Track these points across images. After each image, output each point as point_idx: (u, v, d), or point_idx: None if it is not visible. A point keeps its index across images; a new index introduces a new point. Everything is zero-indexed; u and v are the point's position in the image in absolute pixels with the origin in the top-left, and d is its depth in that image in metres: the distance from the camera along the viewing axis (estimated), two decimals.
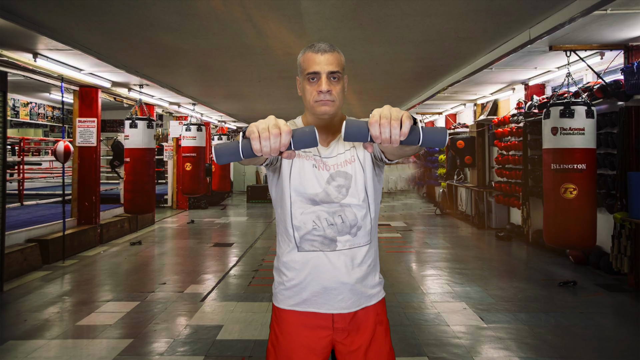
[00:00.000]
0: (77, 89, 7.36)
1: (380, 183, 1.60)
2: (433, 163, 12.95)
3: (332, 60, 1.47)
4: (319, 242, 1.51)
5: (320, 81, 1.47)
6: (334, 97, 1.48)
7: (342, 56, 1.52)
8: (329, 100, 1.48)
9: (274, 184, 1.59)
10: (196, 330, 3.82)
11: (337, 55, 1.50)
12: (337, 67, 1.48)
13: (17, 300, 4.66)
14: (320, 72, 1.47)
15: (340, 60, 1.51)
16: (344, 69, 1.52)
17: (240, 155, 1.15)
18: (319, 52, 1.47)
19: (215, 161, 1.21)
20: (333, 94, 1.48)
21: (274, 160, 1.54)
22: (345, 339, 1.54)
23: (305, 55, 1.50)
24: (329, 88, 1.47)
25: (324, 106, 1.49)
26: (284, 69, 6.27)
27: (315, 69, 1.47)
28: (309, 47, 1.51)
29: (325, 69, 1.47)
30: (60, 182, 8.60)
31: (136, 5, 3.94)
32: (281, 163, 1.55)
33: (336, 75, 1.48)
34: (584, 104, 4.67)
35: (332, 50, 1.49)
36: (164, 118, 12.60)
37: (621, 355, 3.41)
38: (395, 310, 4.20)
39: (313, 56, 1.48)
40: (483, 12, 4.14)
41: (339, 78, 1.49)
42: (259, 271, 5.71)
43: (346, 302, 1.53)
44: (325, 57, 1.47)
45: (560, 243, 4.84)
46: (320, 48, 1.48)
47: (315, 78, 1.48)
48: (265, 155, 1.13)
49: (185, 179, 9.22)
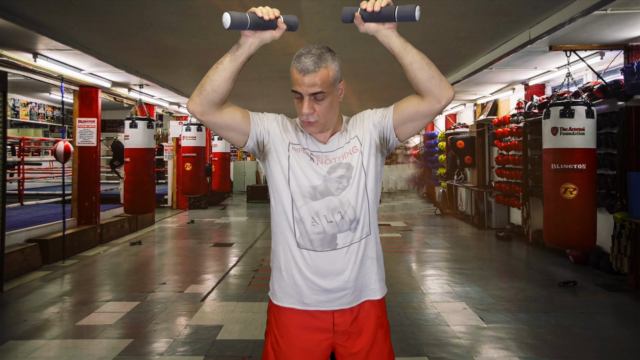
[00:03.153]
0: (77, 89, 7.35)
1: (381, 174, 1.60)
2: (433, 163, 12.95)
3: (316, 80, 1.42)
4: (319, 240, 1.50)
5: (303, 103, 1.45)
6: (316, 118, 1.47)
7: (331, 68, 1.44)
8: (312, 121, 1.48)
9: (272, 177, 1.56)
10: (196, 330, 3.82)
11: (323, 73, 1.42)
12: (321, 87, 1.42)
13: (17, 300, 4.66)
14: (302, 93, 1.45)
15: (327, 76, 1.43)
16: (334, 81, 1.46)
17: (248, 23, 1.33)
18: (302, 72, 1.42)
19: (224, 25, 1.34)
20: (316, 114, 1.46)
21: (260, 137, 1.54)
22: (346, 342, 1.53)
23: (292, 67, 1.45)
24: (310, 111, 1.45)
25: (309, 127, 1.51)
26: (284, 69, 6.26)
27: (298, 90, 1.45)
28: (296, 57, 1.45)
29: (307, 91, 1.43)
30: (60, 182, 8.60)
31: (136, 5, 3.95)
32: (275, 149, 1.54)
33: (320, 96, 1.44)
34: (584, 104, 4.67)
35: (317, 68, 1.41)
36: (164, 118, 12.61)
37: (621, 355, 3.41)
38: (395, 310, 4.20)
39: (296, 75, 1.43)
40: (483, 12, 4.14)
41: (324, 97, 1.45)
42: (259, 271, 5.71)
43: (348, 298, 1.52)
44: (308, 78, 1.41)
45: (560, 243, 4.84)
46: (304, 67, 1.41)
47: (300, 97, 1.47)
48: (265, 16, 1.33)
49: (185, 179, 9.22)
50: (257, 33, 1.38)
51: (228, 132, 1.52)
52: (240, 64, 1.41)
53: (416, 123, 1.52)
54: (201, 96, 1.41)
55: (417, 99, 1.48)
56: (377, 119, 1.56)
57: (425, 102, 1.45)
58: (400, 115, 1.52)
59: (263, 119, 1.56)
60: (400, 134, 1.55)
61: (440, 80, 1.41)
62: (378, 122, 1.55)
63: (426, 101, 1.45)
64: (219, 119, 1.47)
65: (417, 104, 1.48)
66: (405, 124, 1.53)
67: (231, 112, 1.49)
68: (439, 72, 1.42)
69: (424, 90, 1.43)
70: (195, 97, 1.42)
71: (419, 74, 1.40)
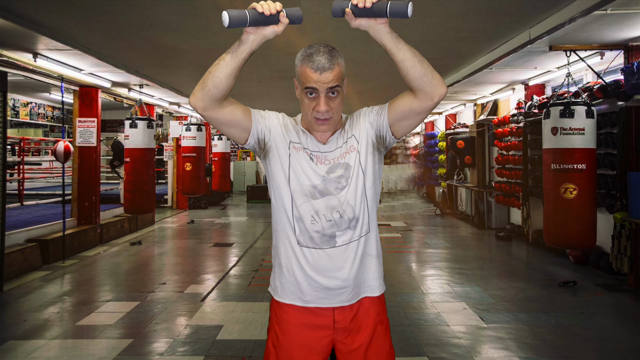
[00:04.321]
0: (77, 89, 7.35)
1: (380, 172, 1.60)
2: (433, 163, 12.95)
3: (332, 77, 1.42)
4: (318, 238, 1.51)
5: (319, 100, 1.44)
6: (331, 115, 1.46)
7: (341, 64, 1.46)
8: (327, 118, 1.47)
9: (272, 175, 1.56)
10: (196, 330, 3.82)
11: (337, 69, 1.43)
12: (337, 82, 1.44)
13: (17, 300, 4.66)
14: (319, 90, 1.43)
15: (340, 71, 1.45)
16: (344, 76, 1.48)
17: (247, 20, 1.32)
18: (318, 70, 1.42)
19: (223, 23, 1.32)
20: (331, 111, 1.46)
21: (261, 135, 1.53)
22: (345, 338, 1.54)
23: (303, 67, 1.44)
24: (327, 108, 1.44)
25: (322, 125, 1.49)
26: (284, 69, 6.27)
27: (313, 86, 1.43)
28: (307, 57, 1.44)
29: (325, 87, 1.43)
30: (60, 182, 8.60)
31: (136, 5, 3.95)
32: (276, 148, 1.54)
33: (335, 90, 1.44)
34: (584, 104, 4.67)
35: (332, 65, 1.42)
36: (164, 118, 12.60)
37: (621, 355, 3.41)
38: (395, 310, 4.20)
39: (311, 74, 1.43)
40: (483, 12, 4.14)
41: (339, 92, 1.46)
42: (259, 271, 5.71)
43: (347, 295, 1.53)
44: (325, 75, 1.42)
45: (560, 243, 4.84)
46: (320, 65, 1.42)
47: (314, 94, 1.45)
48: (266, 11, 1.31)
49: (185, 179, 9.22)
50: (258, 29, 1.37)
51: (229, 129, 1.52)
52: (242, 60, 1.40)
53: (411, 120, 1.53)
54: (203, 91, 1.41)
55: (410, 96, 1.48)
56: (373, 117, 1.56)
57: (418, 99, 1.45)
58: (395, 114, 1.52)
59: (265, 116, 1.56)
60: (396, 132, 1.55)
61: (432, 77, 1.40)
62: (374, 120, 1.56)
63: (419, 98, 1.45)
64: (221, 114, 1.47)
65: (410, 102, 1.48)
66: (400, 121, 1.53)
67: (233, 108, 1.49)
68: (431, 68, 1.41)
69: (417, 87, 1.42)
70: (197, 92, 1.42)
71: (411, 71, 1.39)
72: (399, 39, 1.39)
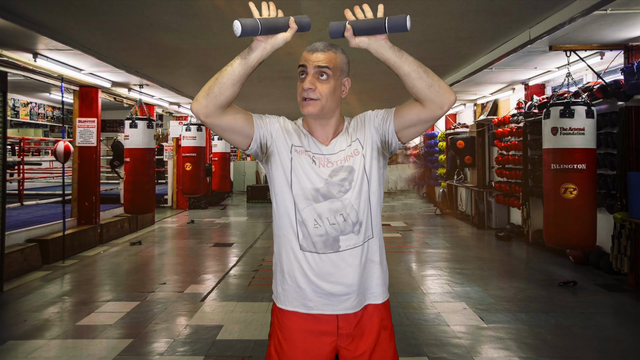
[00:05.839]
0: (77, 89, 7.35)
1: (383, 176, 1.59)
2: (433, 163, 12.95)
3: (322, 58, 1.45)
4: (321, 242, 1.49)
5: (306, 77, 1.46)
6: (317, 95, 1.45)
7: (340, 56, 1.49)
8: (312, 98, 1.45)
9: (274, 179, 1.55)
10: (196, 330, 3.82)
11: (331, 54, 1.46)
12: (327, 63, 1.45)
13: (17, 300, 4.66)
14: (307, 67, 1.46)
15: (334, 59, 1.47)
16: (341, 70, 1.48)
17: (259, 29, 1.33)
18: (310, 51, 1.47)
19: (235, 33, 1.32)
20: (317, 91, 1.45)
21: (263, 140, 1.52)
22: (349, 344, 1.52)
23: (303, 53, 1.50)
24: (311, 86, 1.44)
25: (307, 106, 1.47)
26: (284, 69, 6.27)
27: (303, 63, 1.47)
28: (309, 45, 1.51)
29: (313, 65, 1.45)
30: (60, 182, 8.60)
31: (136, 5, 3.95)
32: (278, 152, 1.53)
33: (324, 72, 1.45)
34: (584, 104, 4.67)
35: (327, 49, 1.47)
36: (164, 118, 12.59)
37: (621, 355, 3.41)
38: (395, 310, 4.19)
39: (305, 54, 1.48)
40: (483, 12, 4.14)
41: (329, 76, 1.45)
42: (259, 271, 5.71)
43: (351, 302, 1.51)
44: (315, 55, 1.46)
45: (560, 243, 4.84)
46: (314, 47, 1.48)
47: (304, 73, 1.47)
48: (272, 12, 1.34)
49: (185, 179, 9.22)
50: (269, 38, 1.37)
51: (231, 135, 1.50)
52: (250, 68, 1.39)
53: (418, 127, 1.52)
54: (208, 98, 1.38)
55: (418, 105, 1.46)
56: (379, 122, 1.55)
57: (427, 109, 1.44)
58: (402, 121, 1.51)
59: (266, 121, 1.55)
60: (402, 138, 1.54)
61: (439, 86, 1.39)
62: (380, 125, 1.54)
63: (427, 108, 1.43)
64: (223, 121, 1.45)
65: (418, 112, 1.47)
66: (407, 129, 1.52)
67: (234, 115, 1.47)
68: (437, 77, 1.39)
69: (425, 98, 1.41)
70: (202, 98, 1.39)
71: (418, 83, 1.38)
72: (402, 52, 1.38)
